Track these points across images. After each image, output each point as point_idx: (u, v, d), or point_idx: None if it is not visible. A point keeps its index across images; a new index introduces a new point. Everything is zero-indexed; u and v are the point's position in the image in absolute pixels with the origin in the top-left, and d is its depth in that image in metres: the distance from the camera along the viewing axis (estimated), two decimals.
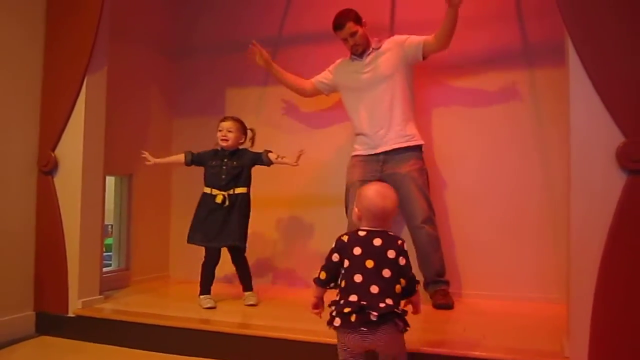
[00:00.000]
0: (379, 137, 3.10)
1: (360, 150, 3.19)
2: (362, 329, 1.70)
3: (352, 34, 3.12)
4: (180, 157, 3.14)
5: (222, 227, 2.97)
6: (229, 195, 2.99)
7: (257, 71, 3.84)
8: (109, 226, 3.80)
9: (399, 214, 2.88)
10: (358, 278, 1.76)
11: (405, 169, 3.05)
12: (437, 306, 2.93)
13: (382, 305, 1.71)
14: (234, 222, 2.98)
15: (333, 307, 1.81)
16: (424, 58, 3.10)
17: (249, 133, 3.13)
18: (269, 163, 3.05)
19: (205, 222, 3.00)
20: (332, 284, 1.87)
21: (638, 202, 2.03)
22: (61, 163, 2.93)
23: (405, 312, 1.81)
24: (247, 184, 3.07)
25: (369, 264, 1.77)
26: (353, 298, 1.74)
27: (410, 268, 1.84)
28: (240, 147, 3.10)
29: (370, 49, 3.18)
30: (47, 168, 2.92)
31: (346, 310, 1.73)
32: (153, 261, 3.87)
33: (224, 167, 3.03)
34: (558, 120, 3.02)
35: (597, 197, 2.07)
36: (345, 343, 1.80)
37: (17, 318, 2.82)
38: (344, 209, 3.21)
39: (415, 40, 3.07)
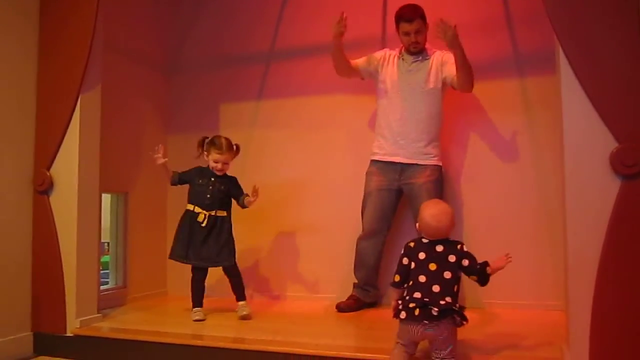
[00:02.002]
0: (399, 146, 3.09)
1: (379, 155, 3.17)
2: (425, 321, 1.94)
3: (418, 31, 3.06)
4: (171, 173, 3.14)
5: (212, 247, 3.01)
6: (209, 215, 3.02)
7: (251, 85, 3.86)
8: (105, 244, 3.79)
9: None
10: (422, 279, 2.02)
11: (421, 179, 3.06)
12: None
13: (442, 302, 1.95)
14: (222, 243, 3.03)
15: (400, 302, 2.05)
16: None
17: (235, 149, 3.12)
18: (243, 206, 3.08)
19: (191, 241, 3.03)
20: (405, 285, 2.09)
21: (633, 206, 2.04)
22: (56, 182, 2.91)
23: (463, 308, 2.03)
24: (228, 209, 3.11)
25: (432, 267, 2.03)
26: (417, 295, 1.99)
27: (476, 264, 2.08)
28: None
29: (422, 54, 3.14)
30: (43, 187, 2.91)
31: (411, 305, 1.97)
32: (150, 278, 3.85)
33: (210, 188, 3.05)
34: (551, 127, 3.04)
35: (593, 203, 2.08)
36: (406, 332, 2.02)
37: (15, 339, 2.79)
38: (360, 213, 3.21)
39: (452, 71, 3.00)
